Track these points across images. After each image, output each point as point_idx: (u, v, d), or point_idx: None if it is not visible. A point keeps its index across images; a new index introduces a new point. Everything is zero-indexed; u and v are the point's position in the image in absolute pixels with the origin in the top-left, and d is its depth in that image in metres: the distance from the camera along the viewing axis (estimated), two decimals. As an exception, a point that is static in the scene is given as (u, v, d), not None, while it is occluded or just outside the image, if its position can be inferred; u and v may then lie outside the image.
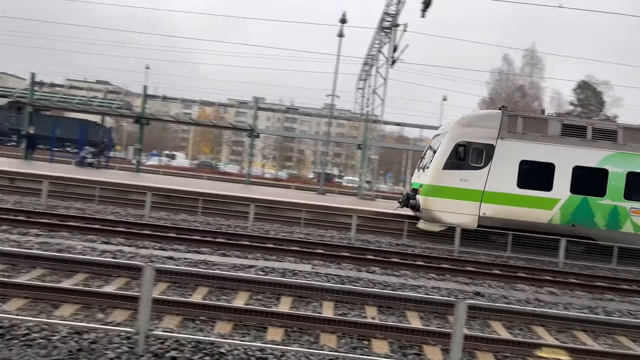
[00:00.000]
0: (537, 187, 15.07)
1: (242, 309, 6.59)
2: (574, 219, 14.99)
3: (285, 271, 9.60)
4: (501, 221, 14.95)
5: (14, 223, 11.29)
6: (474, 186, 15.01)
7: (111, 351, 5.09)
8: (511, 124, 15.24)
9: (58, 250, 9.15)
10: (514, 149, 15.06)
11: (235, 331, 6.16)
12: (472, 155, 15.14)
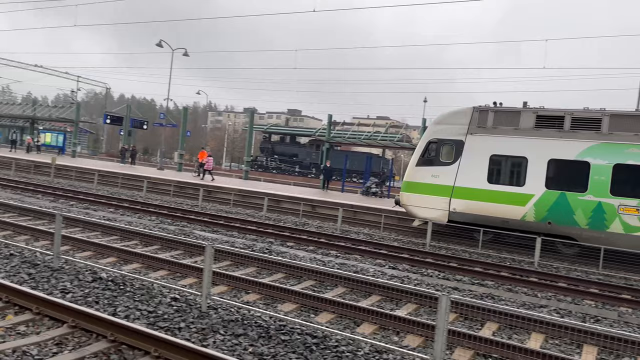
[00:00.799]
0: (508, 182, 14.58)
1: (538, 351, 6.05)
2: (550, 216, 13.99)
3: (585, 316, 8.51)
4: (471, 217, 14.81)
5: (318, 244, 13.03)
6: (444, 182, 15.14)
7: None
8: (482, 119, 15.02)
9: (354, 272, 10.14)
10: (484, 144, 14.78)
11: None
12: (442, 152, 15.33)
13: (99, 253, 9.70)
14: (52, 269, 7.96)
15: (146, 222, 14.39)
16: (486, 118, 15.07)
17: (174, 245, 10.71)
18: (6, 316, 5.85)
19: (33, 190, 18.90)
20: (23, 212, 13.09)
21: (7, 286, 6.36)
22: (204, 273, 6.69)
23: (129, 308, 6.49)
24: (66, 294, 6.89)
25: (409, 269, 11.23)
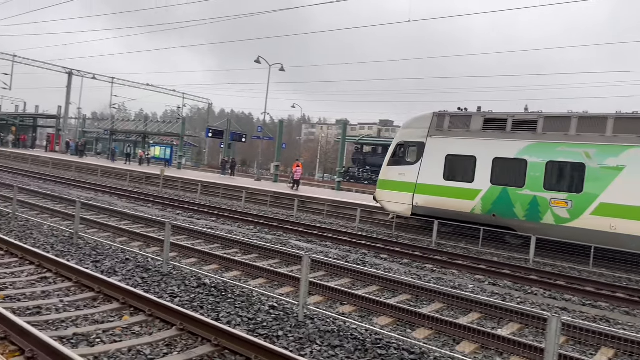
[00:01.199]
0: (461, 179, 15.91)
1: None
2: (494, 209, 15.30)
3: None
4: (431, 210, 16.36)
5: (412, 257, 12.78)
6: (408, 179, 16.78)
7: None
8: (440, 123, 16.53)
9: (452, 287, 9.79)
10: (441, 145, 16.27)
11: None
12: (408, 153, 17.09)
13: (202, 260, 10.24)
14: (162, 274, 8.52)
15: (245, 231, 14.98)
16: (443, 122, 16.68)
17: (271, 254, 11.03)
18: (123, 317, 6.34)
19: (144, 199, 20.46)
20: (137, 220, 14.20)
21: (124, 289, 6.91)
22: (300, 283, 6.82)
23: (230, 314, 6.77)
24: (174, 297, 7.34)
25: (511, 285, 10.64)
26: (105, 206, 16.06)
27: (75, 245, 10.29)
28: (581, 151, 14.17)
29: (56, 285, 7.45)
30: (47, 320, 5.94)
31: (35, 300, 6.69)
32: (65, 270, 7.91)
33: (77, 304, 6.71)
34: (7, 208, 13.82)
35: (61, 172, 31.10)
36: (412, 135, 17.24)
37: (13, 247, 9.21)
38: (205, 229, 13.44)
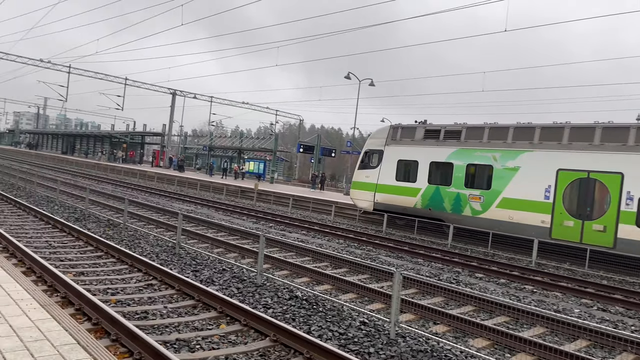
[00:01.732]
0: (407, 179, 19.55)
1: None
2: (430, 204, 18.77)
3: None
4: (386, 205, 20.02)
5: (510, 277, 12.10)
6: (371, 180, 20.52)
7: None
8: (394, 134, 20.34)
9: (555, 310, 9.13)
10: (394, 152, 20.06)
11: None
12: (371, 159, 20.88)
13: (294, 272, 10.42)
14: (255, 285, 8.79)
15: (335, 244, 15.07)
16: (397, 133, 20.29)
17: (361, 269, 10.98)
18: (220, 325, 6.61)
19: (239, 212, 21.33)
20: (232, 232, 14.81)
21: (221, 298, 7.20)
22: (392, 299, 6.70)
23: (321, 328, 6.80)
24: (268, 309, 7.52)
25: (624, 312, 9.71)
26: (204, 218, 16.93)
27: (177, 255, 10.93)
28: (490, 155, 17.41)
29: (160, 292, 7.94)
30: (153, 325, 6.34)
31: (142, 306, 7.17)
32: (169, 278, 8.41)
33: (178, 310, 7.10)
34: (118, 219, 15.04)
35: (164, 185, 33.34)
36: (374, 144, 21.12)
37: (124, 255, 9.97)
38: (297, 242, 13.70)
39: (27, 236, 11.66)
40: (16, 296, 4.72)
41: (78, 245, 11.21)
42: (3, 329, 3.83)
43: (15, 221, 13.60)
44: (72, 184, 26.45)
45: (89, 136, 68.78)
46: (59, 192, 19.72)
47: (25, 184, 23.62)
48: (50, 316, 4.27)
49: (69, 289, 7.03)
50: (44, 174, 29.94)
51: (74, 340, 3.79)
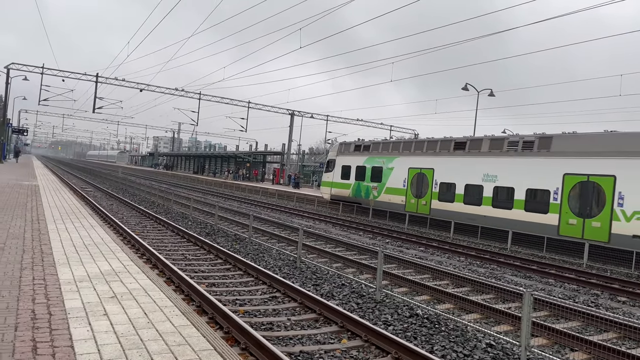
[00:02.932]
0: (346, 178, 28.88)
1: None
2: (356, 194, 28.11)
3: None
4: (337, 196, 29.49)
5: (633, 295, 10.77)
6: (330, 179, 30.34)
7: None
8: (341, 148, 30.57)
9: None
10: (341, 160, 29.67)
11: None
12: (331, 165, 30.69)
13: (413, 290, 10.24)
14: (375, 301, 8.77)
15: (455, 262, 14.54)
16: (342, 147, 30.52)
17: (485, 288, 10.46)
18: (341, 340, 6.68)
19: (355, 228, 21.50)
20: (350, 248, 14.97)
21: (342, 313, 7.29)
22: (522, 322, 6.29)
23: (445, 348, 6.58)
24: (388, 325, 7.46)
25: None
26: (322, 233, 17.33)
27: (298, 269, 11.29)
28: (381, 160, 26.58)
29: (284, 305, 8.25)
30: (278, 336, 6.60)
31: (267, 317, 7.51)
32: (291, 291, 8.71)
33: (301, 323, 7.32)
34: (244, 233, 15.96)
35: (284, 202, 34.79)
36: (331, 155, 31.60)
37: (250, 268, 10.55)
38: (415, 259, 13.45)
39: (167, 249, 12.82)
40: (160, 303, 5.21)
41: (209, 258, 12.08)
42: (151, 333, 4.24)
43: (156, 235, 15.05)
44: (203, 201, 28.67)
45: (216, 157, 74.14)
46: (192, 209, 21.46)
47: (164, 201, 26.07)
48: (189, 323, 4.65)
49: (203, 298, 7.59)
50: (178, 192, 32.84)
51: (211, 346, 4.07)
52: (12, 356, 3.50)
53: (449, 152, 22.96)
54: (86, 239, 8.89)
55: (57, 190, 20.63)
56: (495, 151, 20.84)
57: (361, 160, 28.05)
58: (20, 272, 5.98)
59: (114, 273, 6.44)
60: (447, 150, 23.08)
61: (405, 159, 25.01)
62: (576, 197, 17.58)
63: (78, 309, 4.75)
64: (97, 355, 3.65)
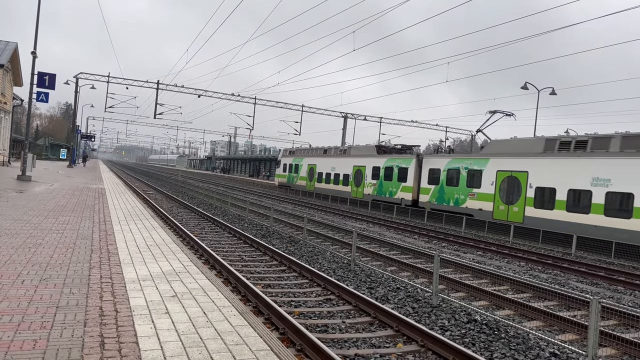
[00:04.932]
0: (284, 171, 46.83)
1: None
2: (287, 181, 45.76)
3: None
4: (280, 183, 47.85)
5: None
6: (280, 173, 48.24)
7: None
8: (285, 152, 49.26)
9: None
10: (283, 160, 48.02)
11: None
12: (280, 163, 48.45)
13: (471, 295, 9.96)
14: (431, 306, 8.61)
15: (515, 267, 14.05)
16: (287, 152, 48.76)
17: (548, 295, 10.04)
18: (397, 344, 6.60)
19: (410, 231, 21.21)
20: (404, 251, 14.78)
21: (397, 317, 7.21)
22: (589, 330, 5.98)
23: (505, 356, 6.36)
24: (445, 331, 7.30)
25: None
26: (376, 237, 17.21)
27: (352, 272, 11.26)
28: (298, 160, 44.53)
29: (338, 307, 8.25)
30: (333, 339, 6.60)
31: (322, 319, 7.53)
32: (346, 294, 8.70)
33: (356, 326, 7.29)
34: (298, 235, 16.11)
35: (337, 204, 34.80)
36: (280, 157, 49.58)
37: (304, 270, 10.62)
38: (473, 263, 13.10)
39: (224, 250, 13.14)
40: (219, 303, 5.34)
41: (265, 259, 12.27)
42: (210, 332, 4.36)
43: (214, 237, 15.46)
44: (258, 203, 29.17)
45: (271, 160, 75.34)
46: (248, 211, 21.89)
47: (221, 204, 26.75)
48: (247, 323, 4.73)
49: (259, 299, 7.72)
50: (235, 195, 33.61)
51: (267, 347, 4.13)
52: (81, 350, 3.69)
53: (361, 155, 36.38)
54: (148, 240, 9.26)
55: (121, 193, 21.63)
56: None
57: (290, 160, 46.47)
58: (89, 270, 6.31)
59: (175, 273, 6.67)
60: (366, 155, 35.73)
61: (304, 159, 44.50)
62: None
63: (142, 306, 4.95)
64: (160, 352, 3.78)
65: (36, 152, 62.45)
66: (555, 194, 19.86)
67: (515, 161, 21.65)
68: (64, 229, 9.61)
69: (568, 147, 20.09)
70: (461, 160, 25.11)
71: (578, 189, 19.01)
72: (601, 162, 18.36)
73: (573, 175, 19.25)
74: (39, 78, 23.88)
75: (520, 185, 21.15)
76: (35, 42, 23.48)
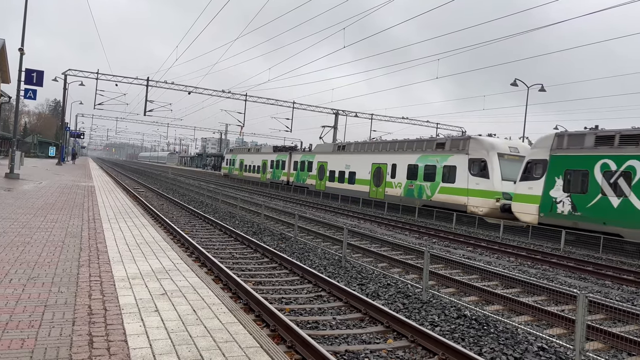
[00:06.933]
0: (226, 164, 64.95)
1: None
2: (228, 172, 62.87)
3: None
4: (224, 173, 64.66)
5: None
6: (228, 166, 63.83)
7: None
8: (231, 150, 70.22)
9: None
10: (226, 156, 67.04)
11: None
12: (225, 159, 66.69)
13: (461, 290, 10.04)
14: (421, 301, 8.65)
15: (505, 262, 14.16)
16: (227, 150, 74.73)
17: (537, 290, 10.13)
18: (387, 340, 6.64)
19: (401, 227, 21.29)
20: (395, 247, 14.84)
21: (388, 313, 7.24)
22: (576, 325, 6.05)
23: (494, 350, 6.42)
24: (435, 326, 7.34)
25: None
26: (367, 233, 17.26)
27: (343, 268, 11.29)
28: (235, 156, 61.72)
29: (329, 304, 8.27)
30: (324, 335, 6.62)
31: (313, 316, 7.55)
32: (337, 291, 8.72)
33: (347, 322, 7.32)
34: (289, 232, 16.12)
35: (329, 201, 34.85)
36: (225, 154, 70.59)
37: (295, 267, 10.63)
38: (463, 259, 13.18)
39: (214, 248, 13.11)
40: (209, 301, 5.33)
41: (256, 256, 12.27)
42: (200, 330, 4.36)
43: (204, 234, 15.42)
44: (249, 200, 29.11)
45: (262, 157, 75.27)
46: (239, 208, 21.85)
47: (212, 201, 26.67)
48: (236, 320, 4.74)
49: (249, 296, 7.72)
50: (226, 192, 33.53)
51: (257, 343, 4.14)
52: (70, 349, 3.68)
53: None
54: (138, 238, 9.22)
55: (111, 190, 21.49)
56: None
57: (230, 156, 62.94)
58: (77, 269, 6.27)
59: (165, 271, 6.65)
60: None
61: (237, 155, 60.47)
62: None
63: (131, 305, 4.93)
64: (149, 350, 3.77)
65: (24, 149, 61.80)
66: (335, 174, 36.30)
67: (323, 156, 38.67)
68: (53, 227, 9.54)
69: (342, 149, 36.67)
70: (305, 155, 42.04)
71: (342, 170, 35.42)
72: (348, 157, 35.14)
73: (341, 163, 35.69)
74: (26, 75, 23.62)
75: (325, 169, 37.94)
76: (22, 38, 23.23)
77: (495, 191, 23.06)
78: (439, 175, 25.98)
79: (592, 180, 18.08)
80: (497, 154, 23.58)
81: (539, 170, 20.12)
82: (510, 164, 23.32)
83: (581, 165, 18.54)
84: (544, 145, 20.25)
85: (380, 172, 30.81)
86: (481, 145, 24.18)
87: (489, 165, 23.43)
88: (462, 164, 24.63)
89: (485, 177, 23.41)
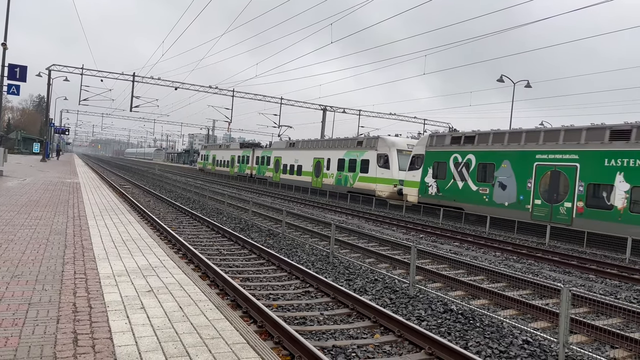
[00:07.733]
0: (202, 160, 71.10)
1: None
2: (203, 166, 68.94)
3: None
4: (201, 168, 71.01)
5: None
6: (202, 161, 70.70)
7: None
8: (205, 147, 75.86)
9: None
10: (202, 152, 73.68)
11: None
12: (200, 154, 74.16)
13: (447, 285, 10.11)
14: (408, 296, 8.71)
15: (491, 257, 14.29)
16: (203, 146, 79.85)
17: (522, 284, 10.24)
18: (374, 335, 6.67)
19: (389, 223, 21.38)
20: (382, 243, 14.90)
21: (375, 308, 7.28)
22: (560, 318, 6.13)
23: (480, 344, 6.48)
24: (422, 321, 7.40)
25: None
26: (355, 229, 17.31)
27: (331, 264, 11.32)
28: (210, 152, 67.65)
29: (317, 300, 8.29)
30: (311, 331, 6.64)
31: (300, 312, 7.56)
32: (324, 287, 8.74)
33: (334, 318, 7.34)
34: (277, 229, 16.10)
35: (317, 197, 34.88)
36: (200, 150, 79.15)
37: (283, 263, 10.63)
38: (449, 254, 13.29)
39: (202, 244, 13.06)
40: (195, 297, 5.31)
41: (243, 253, 12.24)
42: (186, 327, 4.34)
43: (192, 231, 15.34)
44: (237, 197, 29.02)
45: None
46: (226, 204, 21.76)
47: (199, 197, 26.54)
48: (223, 316, 4.73)
49: (237, 293, 7.71)
50: (213, 189, 33.37)
51: (244, 340, 4.14)
52: (54, 347, 3.64)
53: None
54: (124, 235, 9.15)
55: (97, 187, 21.28)
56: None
57: (204, 152, 68.68)
58: (62, 266, 6.21)
59: (151, 268, 6.61)
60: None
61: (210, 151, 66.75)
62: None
63: (117, 302, 4.90)
64: (135, 347, 3.75)
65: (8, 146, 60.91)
66: (287, 167, 41.42)
67: (279, 152, 43.63)
68: (37, 224, 9.43)
69: (292, 146, 41.86)
70: (265, 151, 47.20)
71: (293, 164, 40.63)
72: (296, 152, 40.48)
73: (292, 158, 40.86)
74: (9, 70, 23.27)
75: (279, 163, 43.03)
76: (5, 33, 22.85)
77: (393, 179, 29.49)
78: (358, 167, 32.24)
79: (448, 169, 24.29)
80: (396, 150, 29.88)
81: (419, 162, 26.09)
82: (406, 158, 28.75)
83: (442, 158, 24.70)
84: (423, 143, 26.41)
85: (319, 165, 37.10)
86: (385, 143, 30.56)
87: (390, 159, 29.81)
88: (373, 158, 30.92)
89: (387, 168, 29.81)
